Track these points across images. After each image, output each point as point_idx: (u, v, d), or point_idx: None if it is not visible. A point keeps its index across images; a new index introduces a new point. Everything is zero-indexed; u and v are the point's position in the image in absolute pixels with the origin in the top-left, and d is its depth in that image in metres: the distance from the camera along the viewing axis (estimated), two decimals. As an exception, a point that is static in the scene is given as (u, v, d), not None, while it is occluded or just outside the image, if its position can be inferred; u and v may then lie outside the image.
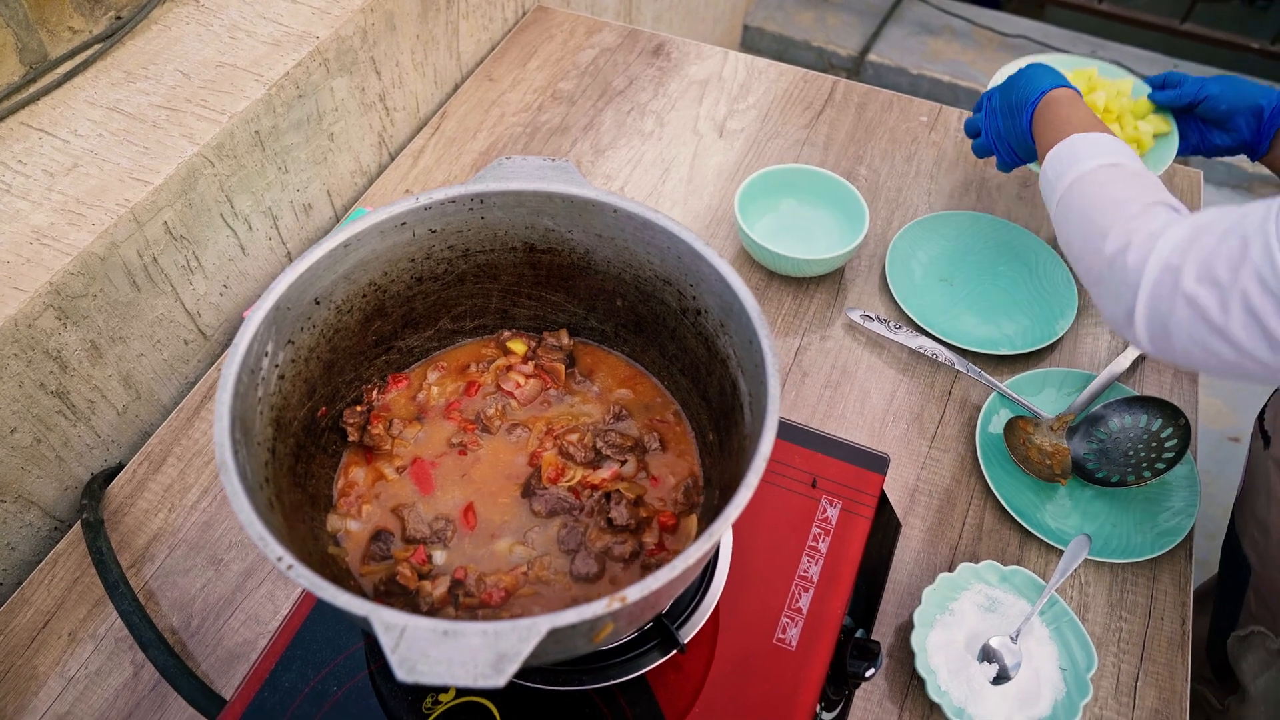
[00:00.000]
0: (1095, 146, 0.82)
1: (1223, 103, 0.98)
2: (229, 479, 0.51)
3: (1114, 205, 0.75)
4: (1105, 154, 0.80)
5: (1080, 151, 0.82)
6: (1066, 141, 0.83)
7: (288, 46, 0.98)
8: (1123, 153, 0.81)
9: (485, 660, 0.45)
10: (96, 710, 0.76)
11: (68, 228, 0.82)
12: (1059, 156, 0.83)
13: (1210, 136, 1.02)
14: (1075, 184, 0.79)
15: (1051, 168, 0.84)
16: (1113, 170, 0.79)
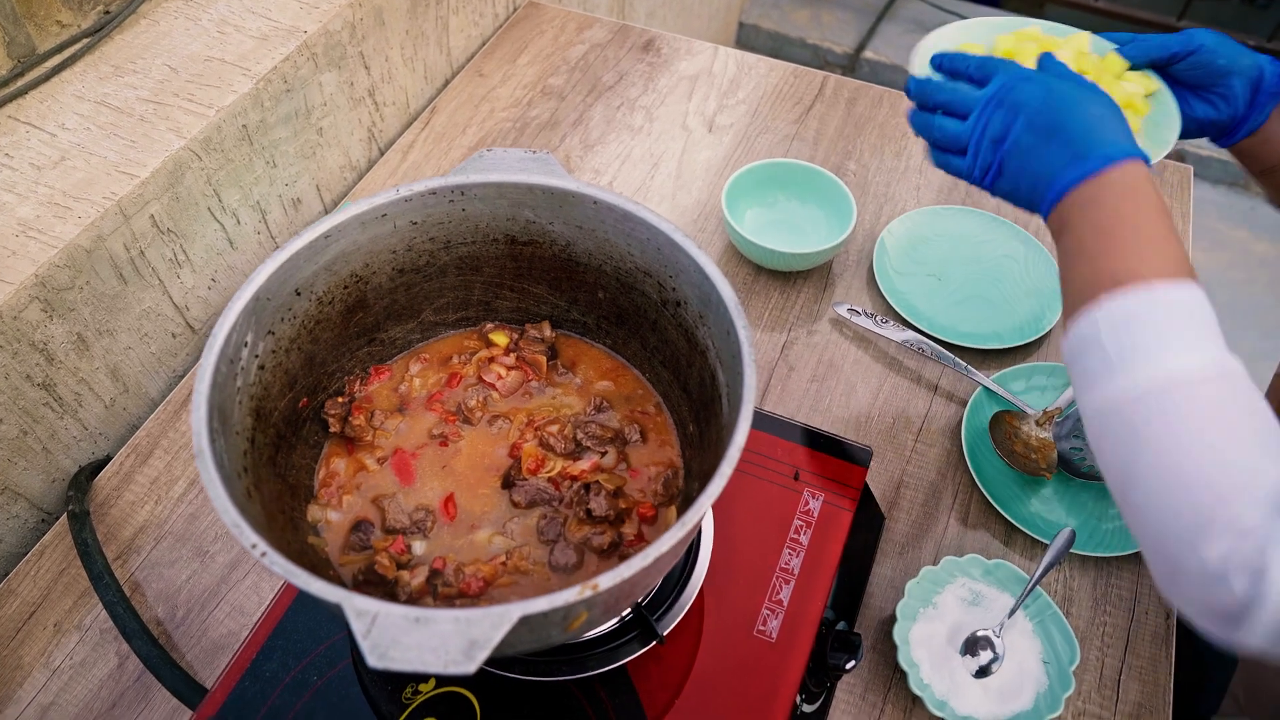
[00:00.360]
0: (1188, 320, 0.54)
1: (1220, 57, 0.74)
2: (205, 467, 0.52)
3: (1220, 469, 0.49)
4: (1203, 340, 0.53)
5: (1164, 328, 0.53)
6: (1137, 298, 0.54)
7: (275, 41, 0.99)
8: (1218, 335, 0.54)
9: (457, 647, 0.45)
10: (81, 700, 0.76)
11: (54, 220, 0.82)
12: (1120, 324, 0.54)
13: (1188, 107, 0.77)
14: (1154, 398, 0.52)
15: (1107, 338, 0.55)
16: (1219, 387, 0.52)
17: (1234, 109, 0.76)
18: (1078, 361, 0.57)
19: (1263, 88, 0.74)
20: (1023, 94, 0.65)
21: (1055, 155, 0.63)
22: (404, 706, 0.65)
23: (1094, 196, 0.60)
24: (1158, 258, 0.56)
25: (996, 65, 0.69)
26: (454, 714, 0.65)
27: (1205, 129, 0.78)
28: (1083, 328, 0.57)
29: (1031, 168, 0.64)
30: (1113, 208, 0.59)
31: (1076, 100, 0.64)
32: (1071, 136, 0.62)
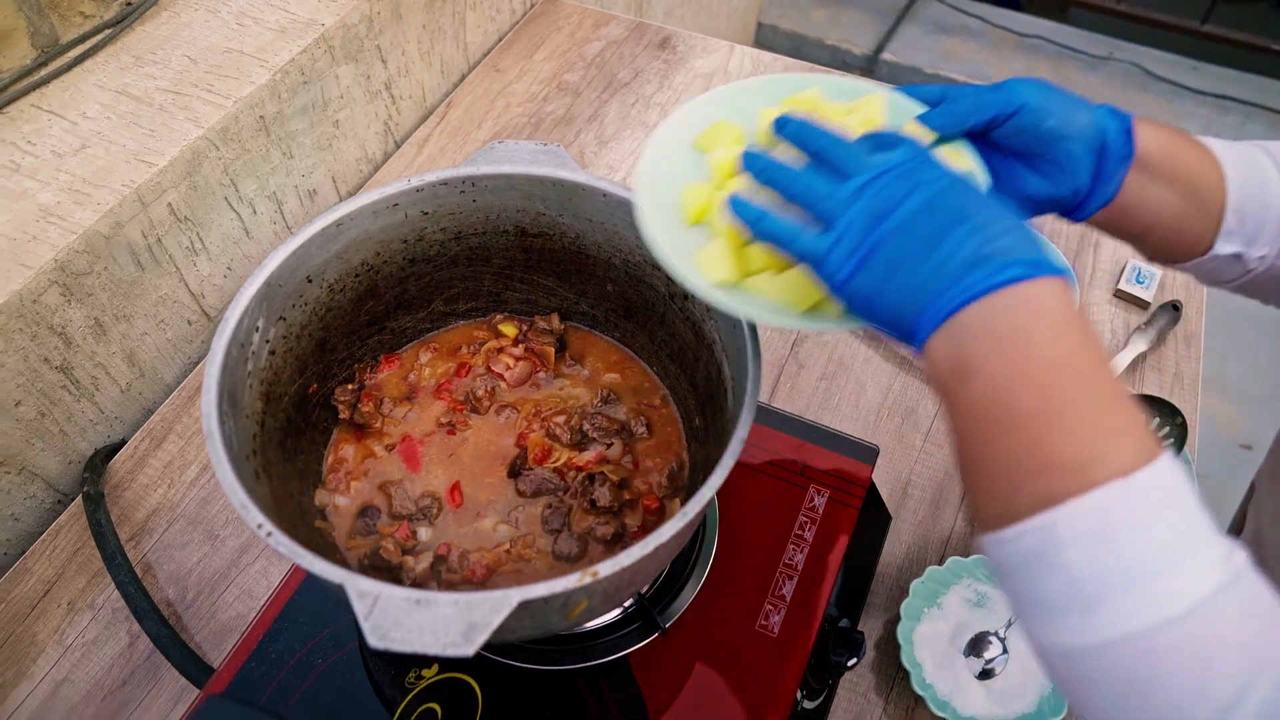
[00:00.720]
0: (1180, 518, 0.40)
1: (1048, 117, 0.56)
2: (214, 448, 0.53)
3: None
4: (1202, 541, 0.40)
5: (1157, 538, 0.39)
6: (1113, 498, 0.39)
7: (294, 33, 1.00)
8: (1208, 519, 0.40)
9: (456, 630, 0.45)
10: (92, 678, 0.77)
11: (74, 207, 0.83)
12: (1094, 539, 0.39)
13: (1018, 182, 0.59)
14: (1165, 634, 0.38)
15: (1076, 559, 0.39)
16: (1238, 600, 0.39)
17: (1074, 181, 0.57)
18: (1024, 582, 0.41)
19: (1108, 153, 0.57)
20: (932, 172, 0.48)
21: (956, 251, 0.44)
22: (407, 691, 0.66)
23: (1004, 322, 0.42)
24: (1125, 428, 0.41)
25: (855, 154, 0.51)
26: (456, 700, 0.66)
27: (1044, 207, 0.60)
28: (1029, 541, 0.40)
29: (916, 264, 0.45)
30: (1048, 351, 0.42)
31: (977, 198, 0.47)
32: (981, 231, 0.44)
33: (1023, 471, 0.41)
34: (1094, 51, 2.66)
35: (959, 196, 0.47)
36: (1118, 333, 1.04)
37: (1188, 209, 0.59)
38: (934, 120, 0.57)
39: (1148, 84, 2.61)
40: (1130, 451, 0.40)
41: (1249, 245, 0.60)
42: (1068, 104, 0.57)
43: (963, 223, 0.45)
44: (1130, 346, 1.00)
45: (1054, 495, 0.40)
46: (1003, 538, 0.42)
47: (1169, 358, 1.02)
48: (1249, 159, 0.61)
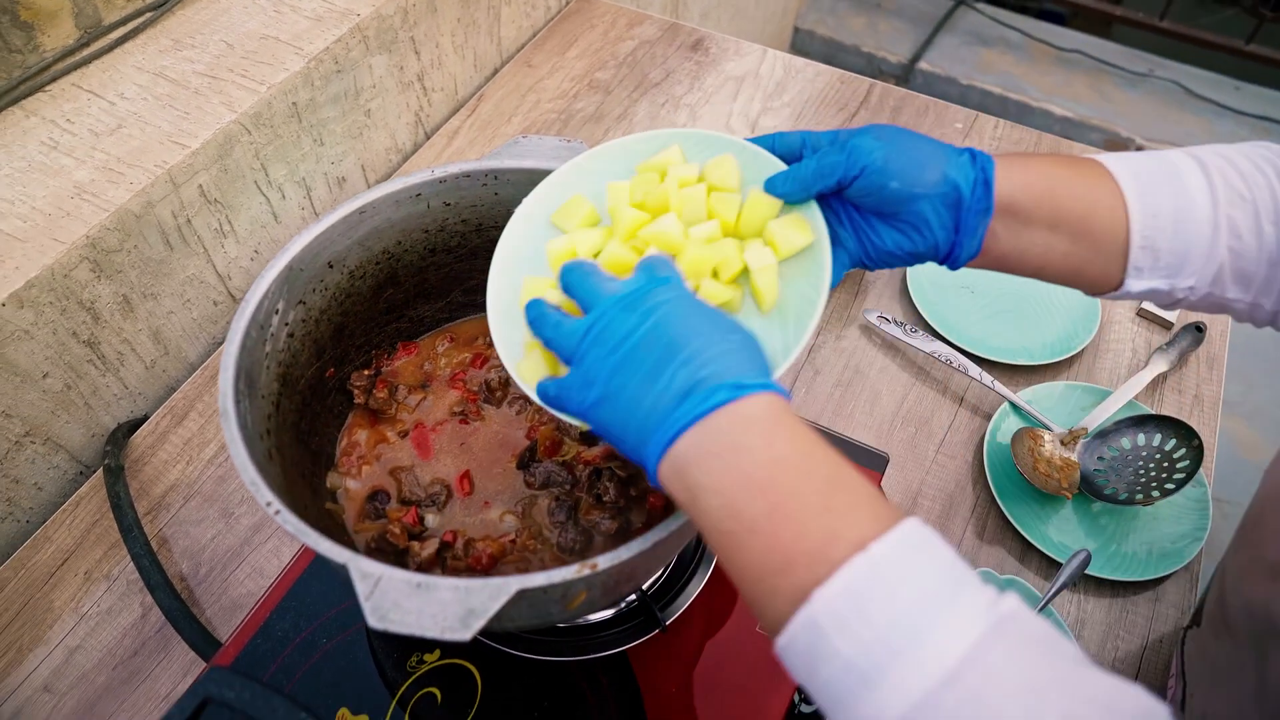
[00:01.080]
0: (931, 571, 0.40)
1: (891, 179, 0.55)
2: (229, 427, 0.54)
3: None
4: (961, 588, 0.40)
5: (913, 599, 0.39)
6: (859, 574, 0.40)
7: (329, 22, 1.01)
8: (966, 569, 0.41)
9: (454, 614, 0.46)
10: (105, 646, 0.79)
11: (107, 185, 0.85)
12: (853, 619, 0.39)
13: (876, 238, 0.58)
14: (948, 693, 0.37)
15: (843, 643, 0.39)
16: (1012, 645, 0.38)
17: (931, 238, 0.57)
18: (813, 678, 0.40)
19: (964, 207, 0.55)
20: (654, 301, 0.49)
21: (670, 383, 0.45)
22: (408, 674, 0.67)
23: (724, 442, 0.44)
24: (854, 505, 0.42)
25: (594, 292, 0.51)
26: (457, 685, 0.67)
27: (912, 260, 0.59)
28: (801, 639, 0.40)
29: (640, 397, 0.46)
30: (763, 456, 0.43)
31: (696, 324, 0.48)
32: (692, 360, 0.46)
33: (772, 572, 0.42)
34: (1134, 68, 2.62)
35: (677, 325, 0.48)
36: (1139, 352, 1.03)
37: (1079, 250, 0.58)
38: (780, 187, 0.57)
39: (1187, 102, 2.58)
40: (865, 525, 0.41)
41: (1172, 277, 0.57)
42: (915, 161, 0.55)
43: (676, 354, 0.46)
44: (1150, 366, 0.99)
45: (805, 587, 0.40)
46: (782, 646, 0.42)
47: (1190, 379, 1.01)
48: (1169, 181, 0.57)
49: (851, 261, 0.59)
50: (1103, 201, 0.57)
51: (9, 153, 0.86)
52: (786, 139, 0.60)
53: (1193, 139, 1.56)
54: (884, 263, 0.59)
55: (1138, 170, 0.58)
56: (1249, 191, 0.56)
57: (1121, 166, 0.58)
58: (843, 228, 0.59)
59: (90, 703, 0.76)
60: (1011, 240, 0.58)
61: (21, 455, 0.85)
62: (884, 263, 0.59)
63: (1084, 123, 2.52)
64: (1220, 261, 0.57)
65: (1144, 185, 0.57)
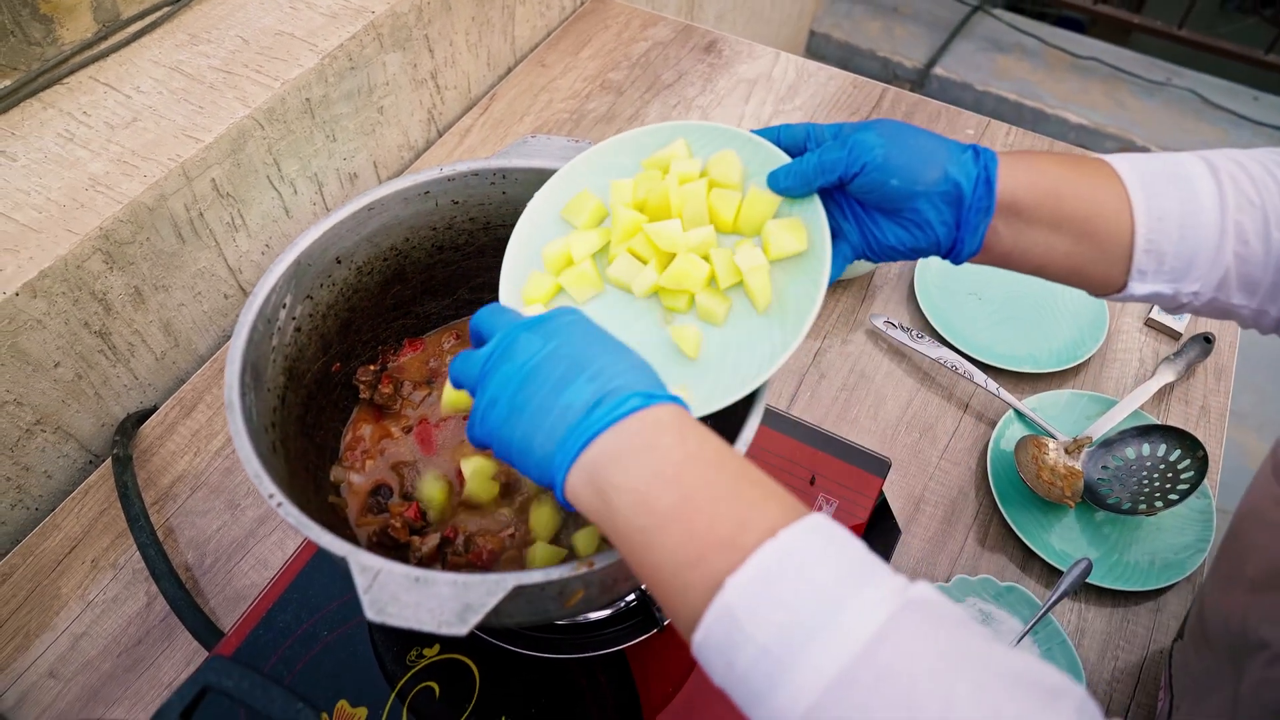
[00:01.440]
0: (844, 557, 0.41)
1: (892, 177, 0.55)
2: (234, 419, 0.54)
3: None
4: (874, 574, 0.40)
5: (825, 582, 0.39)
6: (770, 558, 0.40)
7: (344, 19, 1.02)
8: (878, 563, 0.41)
9: (452, 609, 0.47)
10: (110, 634, 0.80)
11: (121, 177, 0.86)
12: (765, 601, 0.39)
13: (878, 232, 0.58)
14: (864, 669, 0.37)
15: (758, 629, 0.39)
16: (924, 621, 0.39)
17: (932, 235, 0.57)
18: (730, 671, 0.40)
19: (966, 203, 0.56)
20: (557, 324, 0.50)
21: (579, 395, 0.46)
22: (408, 668, 0.67)
23: (637, 442, 0.45)
24: (764, 497, 0.43)
25: (500, 321, 0.52)
26: (455, 680, 0.67)
27: (913, 254, 0.59)
28: (716, 630, 0.40)
29: (545, 410, 0.47)
30: (675, 453, 0.44)
31: (598, 343, 0.49)
32: (599, 376, 0.47)
33: (685, 565, 0.42)
34: (1151, 76, 2.61)
35: (580, 343, 0.49)
36: (1146, 362, 1.03)
37: (1082, 251, 0.57)
38: (781, 182, 0.58)
39: (1204, 112, 2.57)
40: (774, 514, 0.42)
41: (1176, 282, 0.57)
42: (916, 158, 0.56)
43: (584, 368, 0.47)
44: (1157, 376, 0.98)
45: (718, 576, 0.40)
46: (698, 642, 0.41)
47: (1197, 390, 1.00)
48: (1176, 184, 0.56)
49: (854, 254, 0.60)
50: (1107, 203, 0.57)
51: (26, 144, 0.87)
52: (792, 131, 0.60)
53: (1209, 149, 1.56)
54: (886, 256, 0.60)
55: (1145, 172, 0.57)
56: (1259, 197, 0.55)
57: (1128, 167, 0.58)
58: (846, 220, 0.59)
59: (95, 689, 0.77)
60: (1013, 238, 0.58)
61: (32, 443, 0.86)
62: (886, 256, 0.60)
63: (1099, 130, 2.51)
64: (1226, 267, 0.56)
65: (1150, 187, 0.56)
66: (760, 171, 0.60)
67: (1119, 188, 0.57)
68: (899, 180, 0.55)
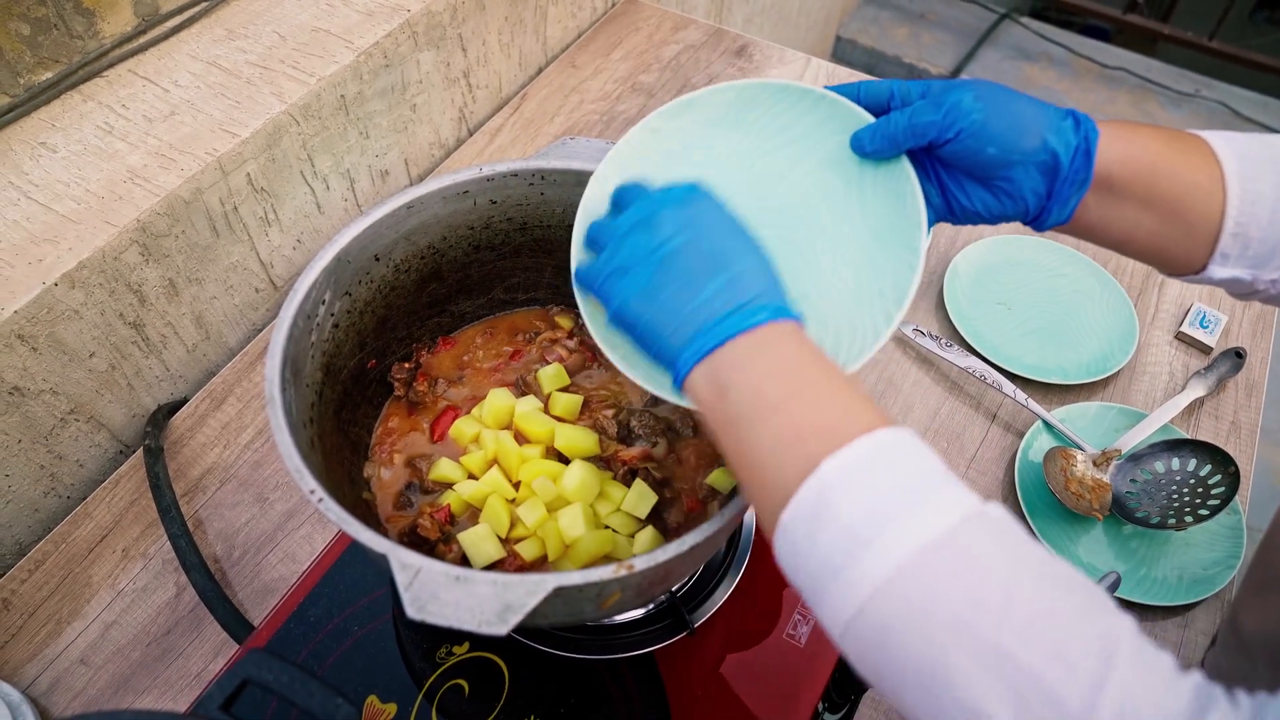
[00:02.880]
0: (928, 465, 0.43)
1: (989, 145, 0.54)
2: (275, 414, 0.55)
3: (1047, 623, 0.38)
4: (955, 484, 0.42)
5: (914, 477, 0.42)
6: (866, 449, 0.43)
7: (380, 17, 1.02)
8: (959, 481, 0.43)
9: (492, 609, 0.47)
10: (139, 623, 0.81)
11: (159, 170, 0.86)
12: (859, 484, 0.42)
13: (963, 197, 0.57)
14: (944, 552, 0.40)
15: (848, 508, 0.41)
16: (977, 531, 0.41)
17: (1021, 205, 0.56)
18: (810, 554, 0.42)
19: (1062, 175, 0.54)
20: (696, 210, 0.52)
21: (715, 298, 0.49)
22: (437, 665, 0.68)
23: (760, 346, 0.48)
24: (864, 402, 0.45)
25: (637, 193, 0.55)
26: (484, 678, 0.67)
27: (997, 220, 0.58)
28: (805, 506, 0.42)
29: (679, 304, 0.49)
30: (792, 356, 0.47)
31: (737, 240, 0.51)
32: (736, 282, 0.49)
33: (785, 445, 0.45)
34: (1180, 88, 2.59)
35: (720, 238, 0.51)
36: (1176, 375, 1.02)
37: (1167, 231, 0.56)
38: (867, 145, 0.56)
39: (1233, 124, 2.55)
40: (873, 417, 0.44)
41: (1257, 268, 0.55)
42: (1015, 125, 0.54)
43: (721, 270, 0.50)
44: (1188, 390, 0.98)
45: (815, 457, 0.43)
46: (785, 520, 0.44)
47: (1227, 405, 1.00)
48: (1274, 167, 0.55)
49: (936, 218, 0.59)
50: (1201, 184, 0.55)
51: (66, 136, 0.87)
52: (874, 89, 0.58)
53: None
54: (968, 221, 0.59)
55: (1244, 153, 0.55)
56: None
57: (1226, 147, 0.56)
58: (928, 183, 0.58)
59: (125, 677, 0.78)
60: (1100, 212, 0.57)
61: (66, 432, 0.87)
62: (968, 221, 0.59)
63: (1125, 141, 2.49)
64: None
65: (1247, 169, 0.55)
66: (842, 131, 0.58)
67: (1214, 168, 0.55)
68: (996, 148, 0.54)
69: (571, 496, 0.63)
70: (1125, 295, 1.06)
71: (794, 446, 0.44)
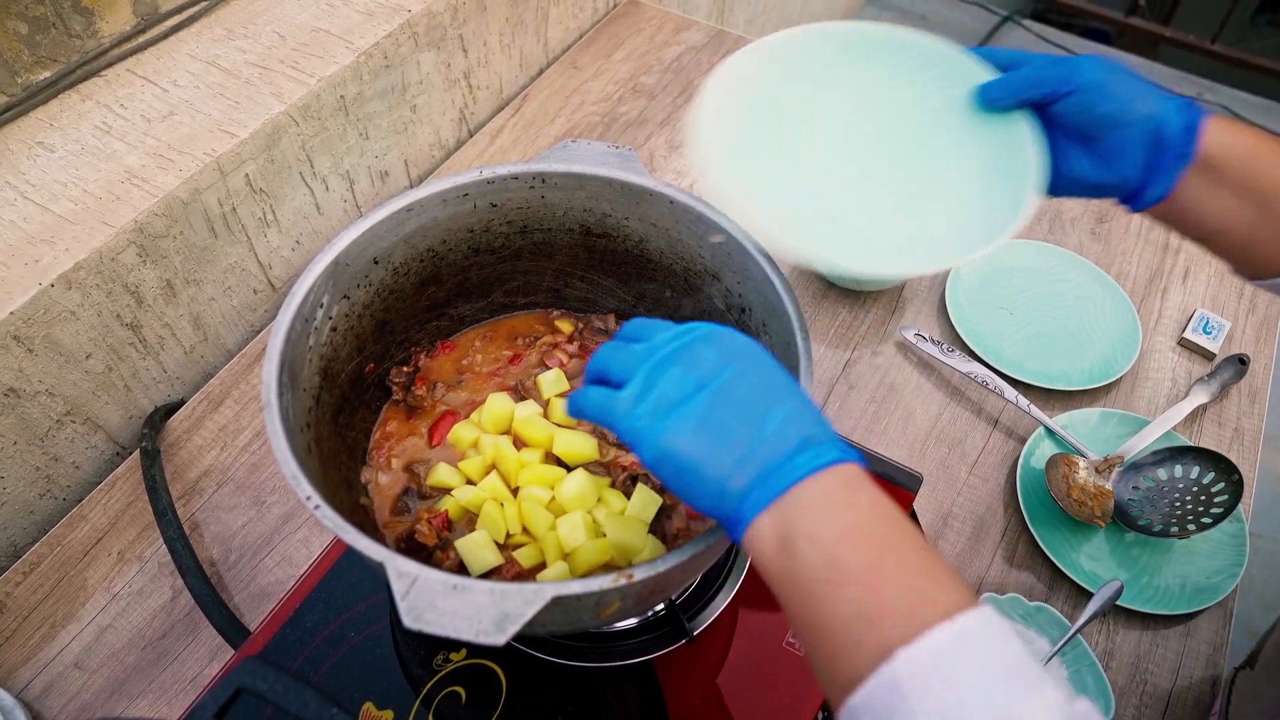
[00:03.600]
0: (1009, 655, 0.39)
1: (1105, 102, 0.56)
2: (271, 419, 0.54)
3: None
4: (1044, 680, 0.39)
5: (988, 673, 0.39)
6: (944, 639, 0.39)
7: (380, 17, 1.02)
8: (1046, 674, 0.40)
9: (489, 618, 0.46)
10: (135, 627, 0.80)
11: (157, 171, 0.86)
12: (932, 677, 0.39)
13: (1067, 162, 0.59)
14: None
15: (919, 701, 0.38)
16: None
17: (1124, 171, 0.57)
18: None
19: (1163, 149, 0.55)
20: (707, 354, 0.48)
21: (780, 432, 0.45)
22: (434, 672, 0.67)
23: (833, 496, 0.44)
24: (946, 577, 0.42)
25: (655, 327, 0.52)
26: (481, 685, 0.67)
27: (1095, 191, 0.59)
28: (879, 696, 0.40)
29: (736, 436, 0.45)
30: (867, 514, 0.44)
31: (783, 375, 0.48)
32: (799, 416, 0.46)
33: (860, 622, 0.41)
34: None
35: (767, 374, 0.48)
36: (1179, 382, 1.01)
37: (1263, 225, 0.56)
38: (990, 92, 0.60)
39: (1234, 128, 2.54)
40: (952, 596, 0.41)
41: None
42: (1132, 91, 0.56)
43: (778, 405, 0.46)
44: (1190, 397, 0.97)
45: (890, 644, 0.40)
46: (855, 704, 0.41)
47: (1230, 412, 0.99)
48: None
49: None
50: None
51: (64, 135, 0.87)
52: (1001, 54, 0.62)
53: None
54: (1066, 191, 0.60)
55: None
56: None
57: None
58: None
59: (119, 682, 0.77)
60: (1198, 196, 0.57)
61: (61, 434, 0.86)
62: (1066, 191, 0.60)
63: (1127, 144, 2.49)
64: None
65: None
66: (965, 83, 0.63)
67: None
68: (1111, 107, 0.56)
69: (570, 505, 0.63)
70: (1128, 301, 1.06)
71: (869, 626, 0.41)
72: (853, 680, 0.41)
